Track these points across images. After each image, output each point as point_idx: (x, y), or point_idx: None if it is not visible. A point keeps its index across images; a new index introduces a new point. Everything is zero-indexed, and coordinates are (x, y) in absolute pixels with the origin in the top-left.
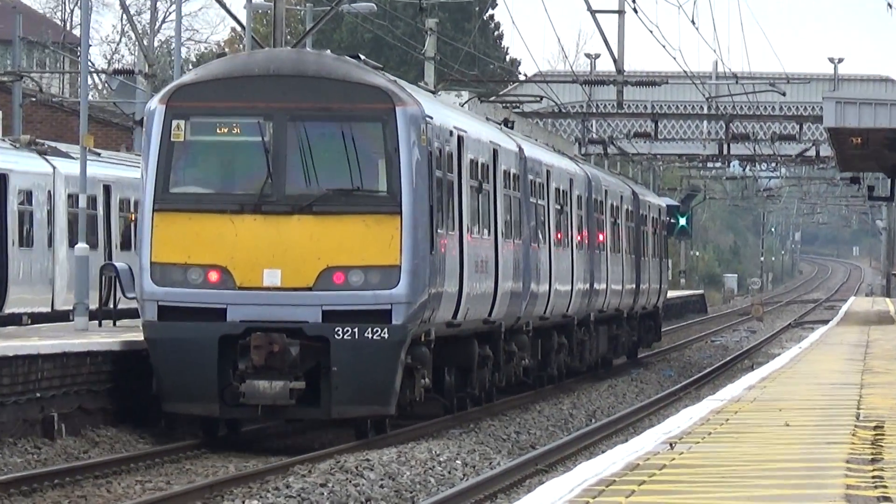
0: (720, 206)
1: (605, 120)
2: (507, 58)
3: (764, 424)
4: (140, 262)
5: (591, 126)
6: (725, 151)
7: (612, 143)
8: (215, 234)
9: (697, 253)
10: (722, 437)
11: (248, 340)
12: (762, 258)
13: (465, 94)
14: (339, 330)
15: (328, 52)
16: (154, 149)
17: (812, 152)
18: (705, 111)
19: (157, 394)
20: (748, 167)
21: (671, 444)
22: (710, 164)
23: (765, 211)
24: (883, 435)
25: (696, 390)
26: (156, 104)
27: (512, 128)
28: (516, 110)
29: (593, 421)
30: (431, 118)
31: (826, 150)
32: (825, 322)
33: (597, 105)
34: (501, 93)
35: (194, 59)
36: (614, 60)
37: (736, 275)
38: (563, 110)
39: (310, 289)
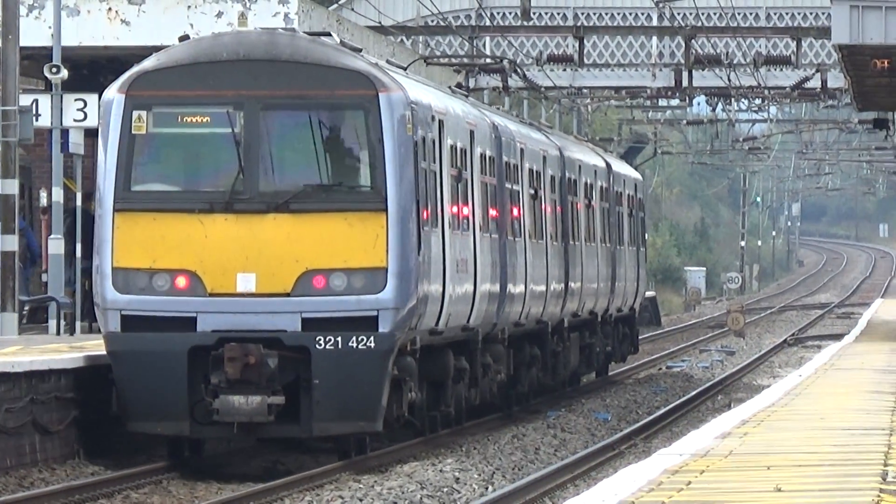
0: (679, 164)
1: (503, 36)
2: None
3: (744, 490)
4: (101, 267)
5: (484, 46)
6: (685, 83)
7: (516, 71)
8: (183, 236)
9: (646, 236)
10: None
11: (220, 352)
12: (743, 243)
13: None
14: (320, 339)
15: (301, 32)
16: (113, 143)
17: (815, 82)
18: (654, 22)
19: (118, 412)
20: (720, 106)
21: None
22: (662, 102)
23: (746, 172)
24: None
25: (643, 442)
26: (114, 93)
27: (467, 96)
28: (372, 25)
29: (489, 489)
30: (417, 104)
31: (836, 80)
32: (838, 337)
33: (491, 14)
34: (331, 8)
35: None
36: None
37: (704, 269)
38: (444, 23)
39: (288, 294)
